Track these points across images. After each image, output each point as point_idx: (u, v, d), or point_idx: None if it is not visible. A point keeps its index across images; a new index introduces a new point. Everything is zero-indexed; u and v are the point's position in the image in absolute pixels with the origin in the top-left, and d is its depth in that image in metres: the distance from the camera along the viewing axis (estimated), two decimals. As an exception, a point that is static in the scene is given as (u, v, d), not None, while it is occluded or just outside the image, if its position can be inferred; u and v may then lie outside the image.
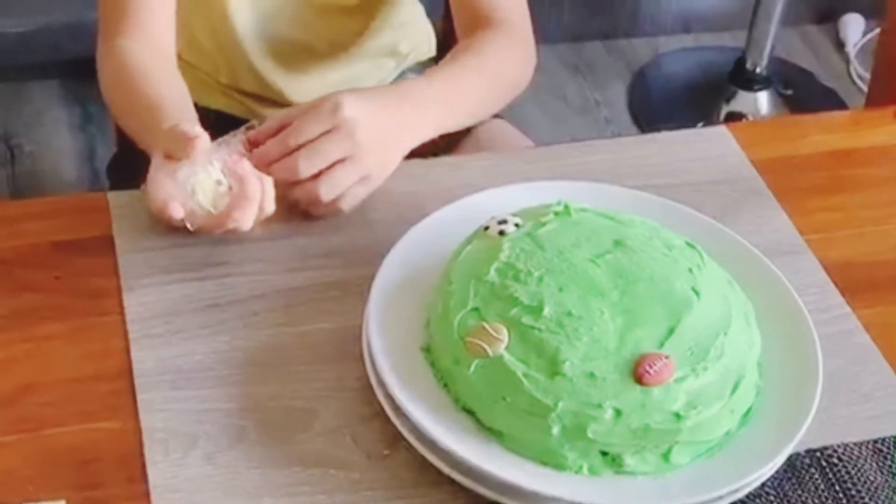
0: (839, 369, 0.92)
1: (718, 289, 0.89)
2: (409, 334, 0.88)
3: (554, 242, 0.89)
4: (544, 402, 0.80)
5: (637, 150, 1.13)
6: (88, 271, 0.96)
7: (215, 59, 1.31)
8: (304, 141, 0.96)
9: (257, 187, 0.93)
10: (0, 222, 1.00)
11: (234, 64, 1.31)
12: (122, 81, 1.09)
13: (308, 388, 0.88)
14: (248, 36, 1.27)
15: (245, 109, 1.35)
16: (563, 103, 2.47)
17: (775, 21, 2.37)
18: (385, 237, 0.95)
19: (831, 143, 1.17)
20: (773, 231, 1.04)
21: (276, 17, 1.28)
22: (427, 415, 0.82)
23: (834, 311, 0.98)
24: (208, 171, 0.93)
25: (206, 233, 0.95)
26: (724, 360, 0.83)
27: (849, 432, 0.89)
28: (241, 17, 1.26)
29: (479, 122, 1.37)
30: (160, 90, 1.06)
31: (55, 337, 0.91)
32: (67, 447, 0.84)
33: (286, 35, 1.29)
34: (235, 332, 0.92)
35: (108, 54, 1.11)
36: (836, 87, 2.55)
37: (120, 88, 1.09)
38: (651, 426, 0.80)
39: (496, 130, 1.36)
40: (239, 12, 1.25)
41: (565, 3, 2.49)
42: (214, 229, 0.95)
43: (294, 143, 0.96)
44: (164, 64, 1.11)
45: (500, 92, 1.18)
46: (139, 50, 1.10)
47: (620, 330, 0.83)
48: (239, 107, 1.35)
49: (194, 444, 0.84)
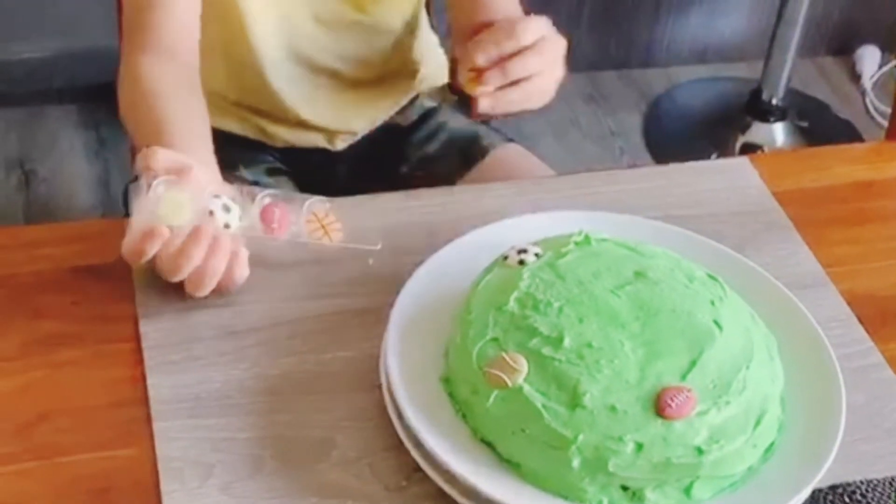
0: (862, 404, 0.91)
1: (740, 321, 0.88)
2: (427, 364, 0.87)
3: (574, 273, 0.88)
4: (564, 435, 0.79)
5: (658, 180, 1.13)
6: (106, 297, 0.95)
7: (225, 75, 1.31)
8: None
9: (228, 240, 0.91)
10: (19, 247, 1.00)
11: (245, 81, 1.30)
12: (136, 99, 1.07)
13: (326, 418, 0.87)
14: (266, 55, 1.27)
15: (252, 127, 1.35)
16: (578, 132, 2.47)
17: (792, 52, 2.38)
18: (404, 266, 0.95)
19: (853, 175, 1.17)
20: (796, 263, 1.03)
21: (296, 36, 1.28)
22: (445, 446, 0.81)
23: (857, 345, 0.97)
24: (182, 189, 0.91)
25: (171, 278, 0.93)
26: (747, 394, 0.82)
27: (872, 468, 0.88)
28: (260, 35, 1.25)
29: (494, 147, 1.37)
30: (171, 110, 1.04)
31: (72, 363, 0.90)
32: (83, 475, 0.83)
33: (304, 54, 1.29)
34: (254, 360, 0.91)
35: (126, 71, 1.10)
36: (852, 118, 2.56)
37: (134, 107, 1.08)
38: (672, 460, 0.79)
39: (511, 155, 1.37)
40: (258, 29, 1.25)
41: (581, 33, 2.49)
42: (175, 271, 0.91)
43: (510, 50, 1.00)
44: (182, 81, 1.09)
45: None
46: (158, 67, 1.09)
47: (641, 362, 0.82)
48: (245, 125, 1.35)
49: (210, 474, 0.83)
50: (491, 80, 1.01)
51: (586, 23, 2.45)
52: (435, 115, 1.42)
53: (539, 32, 1.03)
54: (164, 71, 1.09)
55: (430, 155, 1.39)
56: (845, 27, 2.68)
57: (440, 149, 1.40)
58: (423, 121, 1.42)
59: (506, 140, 1.39)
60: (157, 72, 1.08)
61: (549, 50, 1.03)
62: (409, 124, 1.42)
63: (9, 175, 2.23)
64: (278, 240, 0.96)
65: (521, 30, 1.02)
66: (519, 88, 1.02)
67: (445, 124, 1.42)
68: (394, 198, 1.08)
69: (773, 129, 2.48)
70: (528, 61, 1.01)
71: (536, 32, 1.03)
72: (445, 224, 1.01)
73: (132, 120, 1.08)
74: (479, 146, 1.37)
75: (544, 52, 1.02)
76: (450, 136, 1.41)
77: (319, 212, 0.97)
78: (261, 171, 1.32)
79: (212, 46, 1.25)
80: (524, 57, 1.01)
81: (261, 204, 0.95)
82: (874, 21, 2.67)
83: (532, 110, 1.05)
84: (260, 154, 1.35)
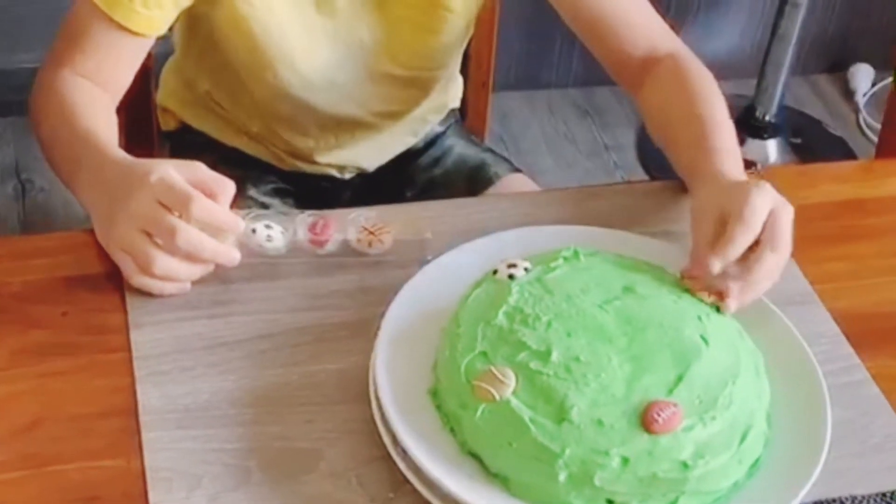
0: (848, 420, 0.92)
1: (727, 337, 0.88)
2: (416, 377, 0.87)
3: (563, 287, 0.89)
4: (551, 449, 0.79)
5: (650, 196, 1.13)
6: (96, 307, 0.96)
7: (250, 110, 1.29)
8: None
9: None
10: (9, 257, 1.00)
11: (271, 119, 1.29)
12: (55, 110, 1.04)
13: (314, 429, 0.88)
14: (297, 103, 1.25)
15: (265, 151, 1.35)
16: (573, 147, 2.48)
17: (785, 69, 2.39)
18: (394, 279, 0.95)
19: (843, 193, 1.18)
20: (783, 280, 1.03)
21: (332, 90, 1.24)
22: (433, 458, 0.82)
23: (843, 361, 0.97)
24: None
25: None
26: (733, 410, 0.83)
27: (857, 484, 0.88)
28: (297, 84, 1.22)
29: (500, 176, 1.37)
30: (94, 123, 1.02)
31: (62, 373, 0.91)
32: (71, 484, 0.83)
33: (335, 105, 1.27)
34: (243, 371, 0.91)
35: (48, 82, 1.07)
36: (845, 135, 2.56)
37: (52, 117, 1.05)
38: (658, 475, 0.79)
39: (517, 185, 1.37)
40: (293, 74, 1.21)
41: (576, 48, 2.50)
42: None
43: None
44: (103, 101, 1.07)
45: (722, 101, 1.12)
46: (81, 83, 1.06)
47: (628, 377, 0.83)
48: (259, 148, 1.35)
49: (198, 484, 0.83)
50: (734, 293, 0.92)
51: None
52: (442, 139, 1.42)
53: (767, 207, 0.93)
54: (87, 87, 1.06)
55: (435, 179, 1.39)
56: (839, 45, 2.69)
57: (446, 173, 1.40)
58: (431, 145, 1.42)
59: (512, 169, 1.39)
60: (81, 85, 1.06)
61: (780, 235, 0.93)
62: (417, 149, 1.41)
63: (5, 184, 2.23)
64: (324, 251, 0.99)
65: (751, 216, 0.92)
66: (760, 284, 0.94)
67: (452, 148, 1.41)
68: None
69: (767, 145, 2.48)
70: (765, 261, 0.93)
71: (765, 209, 0.93)
72: (436, 238, 1.02)
73: (49, 127, 1.05)
74: (485, 174, 1.37)
75: (777, 240, 0.93)
76: (456, 161, 1.40)
77: (367, 222, 1.01)
78: (268, 191, 1.32)
79: (247, 82, 1.24)
80: (762, 258, 0.92)
81: (306, 220, 0.99)
82: (868, 39, 2.68)
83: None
84: (266, 174, 1.35)
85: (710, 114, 1.08)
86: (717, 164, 1.02)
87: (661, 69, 1.15)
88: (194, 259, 0.93)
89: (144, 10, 1.06)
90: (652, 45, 1.17)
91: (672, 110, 1.11)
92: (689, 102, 1.09)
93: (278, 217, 1.00)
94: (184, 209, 0.90)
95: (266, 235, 0.97)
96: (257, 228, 0.98)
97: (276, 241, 0.98)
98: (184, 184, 0.90)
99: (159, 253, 0.92)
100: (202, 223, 0.91)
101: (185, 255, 0.92)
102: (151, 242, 0.92)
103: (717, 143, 1.05)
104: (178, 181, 0.90)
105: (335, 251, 1.00)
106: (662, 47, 1.17)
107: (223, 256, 0.94)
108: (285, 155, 1.34)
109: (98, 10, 1.05)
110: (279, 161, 1.35)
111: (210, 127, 1.35)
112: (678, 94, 1.11)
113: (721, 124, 1.07)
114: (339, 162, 1.35)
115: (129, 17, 1.06)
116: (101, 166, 0.96)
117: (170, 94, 1.37)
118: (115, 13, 1.05)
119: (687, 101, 1.10)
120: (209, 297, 0.97)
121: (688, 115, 1.08)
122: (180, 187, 0.90)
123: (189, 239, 0.91)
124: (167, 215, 0.90)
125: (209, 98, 1.32)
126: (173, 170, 0.91)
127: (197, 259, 0.93)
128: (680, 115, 1.09)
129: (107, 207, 0.95)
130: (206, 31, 1.20)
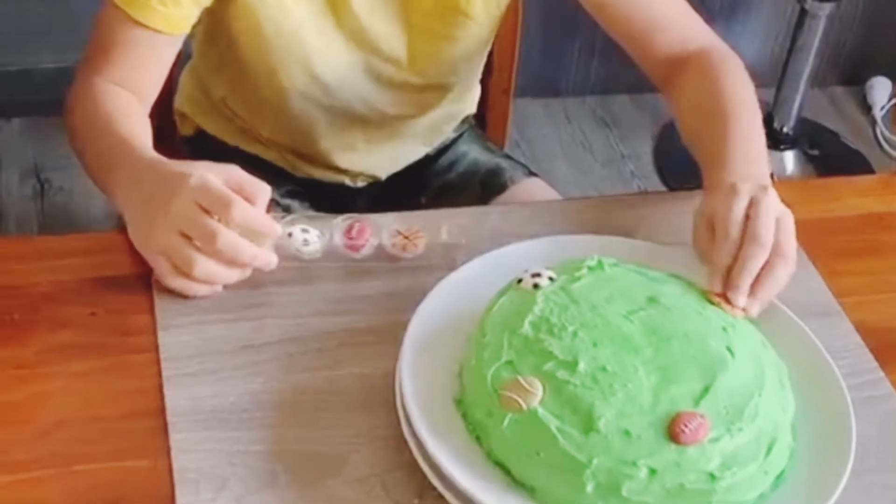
0: (871, 435, 0.92)
1: (752, 349, 0.88)
2: (441, 384, 0.88)
3: (587, 297, 0.89)
4: (578, 459, 0.79)
5: (671, 206, 1.13)
6: (125, 309, 0.96)
7: (264, 116, 1.30)
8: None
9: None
10: (39, 256, 1.01)
11: (285, 125, 1.29)
12: (90, 120, 1.05)
13: (339, 434, 0.88)
14: (309, 106, 1.25)
15: (280, 158, 1.35)
16: (590, 156, 2.48)
17: (803, 81, 2.39)
18: (419, 285, 0.96)
19: (864, 206, 1.18)
20: (807, 293, 1.03)
21: (349, 91, 1.25)
22: (458, 466, 0.82)
23: (867, 375, 0.97)
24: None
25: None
26: (759, 422, 0.83)
27: (881, 499, 0.88)
28: (309, 87, 1.23)
29: (515, 181, 1.36)
30: (129, 129, 1.02)
31: (90, 374, 0.91)
32: (98, 484, 0.84)
33: (353, 109, 1.27)
34: (269, 375, 0.92)
35: (82, 92, 1.08)
36: (862, 148, 2.56)
37: (88, 127, 1.05)
38: (686, 486, 0.79)
39: (532, 189, 1.36)
40: (307, 77, 1.22)
41: (594, 57, 2.50)
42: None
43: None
44: (135, 106, 1.08)
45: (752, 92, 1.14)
46: (113, 90, 1.07)
47: (655, 387, 0.83)
48: (273, 154, 1.35)
49: (224, 486, 0.84)
50: (750, 307, 0.93)
51: (599, 47, 2.46)
52: (456, 145, 1.42)
53: (773, 216, 0.95)
54: (120, 94, 1.07)
55: (450, 184, 1.39)
56: (857, 58, 2.69)
57: (460, 178, 1.39)
58: (445, 150, 1.42)
59: (528, 174, 1.39)
60: (113, 93, 1.07)
61: (786, 241, 0.95)
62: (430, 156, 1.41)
63: (24, 183, 2.24)
64: (359, 255, 1.00)
65: (762, 230, 0.94)
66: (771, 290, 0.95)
67: (466, 154, 1.41)
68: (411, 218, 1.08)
69: (784, 157, 2.48)
70: (777, 273, 0.94)
71: (771, 219, 0.95)
72: (461, 246, 1.02)
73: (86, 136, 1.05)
74: (500, 179, 1.37)
75: (784, 248, 0.95)
76: (471, 165, 1.40)
77: (402, 226, 1.01)
78: (282, 193, 1.32)
79: (257, 89, 1.24)
80: (774, 271, 0.94)
81: (341, 224, 1.00)
82: (886, 52, 2.68)
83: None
84: (280, 178, 1.35)
85: (733, 112, 1.07)
86: (725, 173, 1.01)
87: (689, 69, 1.14)
88: (234, 263, 0.93)
89: (161, 8, 1.06)
90: (683, 44, 1.17)
91: (695, 114, 1.11)
92: (713, 105, 1.09)
93: (313, 221, 1.00)
94: (224, 213, 0.90)
95: (303, 240, 0.98)
96: (294, 232, 0.98)
97: (313, 245, 0.99)
98: (223, 187, 0.91)
99: (200, 256, 0.92)
100: (241, 227, 0.91)
101: (225, 259, 0.92)
102: (191, 245, 0.92)
103: (731, 153, 1.03)
104: (218, 185, 0.91)
105: (370, 255, 1.01)
106: (694, 43, 1.17)
107: (262, 260, 0.94)
108: (298, 161, 1.35)
109: (119, 11, 1.06)
110: (292, 168, 1.36)
111: (225, 133, 1.35)
112: (703, 95, 1.11)
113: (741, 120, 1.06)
114: (352, 169, 1.36)
115: (146, 14, 1.06)
116: (138, 169, 0.97)
117: (186, 99, 1.38)
118: (134, 11, 1.06)
119: (712, 102, 1.09)
120: (237, 300, 0.97)
121: (711, 115, 1.08)
122: (220, 191, 0.90)
123: (230, 242, 0.91)
124: (207, 219, 0.90)
125: (224, 105, 1.32)
126: (211, 173, 0.92)
127: (236, 263, 0.93)
128: (701, 122, 1.09)
129: (144, 210, 0.95)
130: (226, 41, 1.21)
